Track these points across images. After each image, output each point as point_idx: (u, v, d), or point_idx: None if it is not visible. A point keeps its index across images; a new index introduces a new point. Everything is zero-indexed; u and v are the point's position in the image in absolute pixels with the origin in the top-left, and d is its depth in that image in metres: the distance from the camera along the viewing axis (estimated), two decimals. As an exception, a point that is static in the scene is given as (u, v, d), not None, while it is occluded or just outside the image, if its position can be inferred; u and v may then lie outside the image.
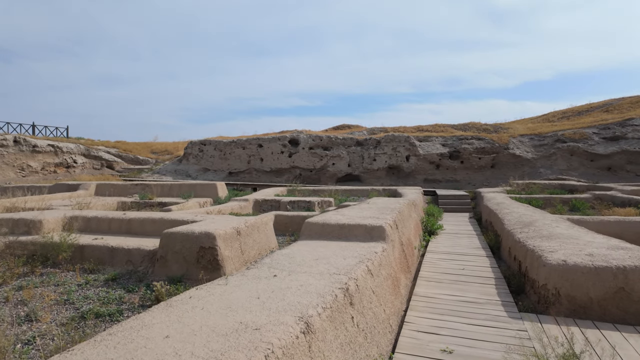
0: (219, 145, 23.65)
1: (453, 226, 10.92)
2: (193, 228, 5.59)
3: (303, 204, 12.00)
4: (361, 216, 5.85)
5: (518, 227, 7.33)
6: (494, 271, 6.12)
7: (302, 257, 4.17)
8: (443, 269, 6.21)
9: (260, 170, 23.21)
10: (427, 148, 22.63)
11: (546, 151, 21.25)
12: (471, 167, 21.80)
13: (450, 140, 23.01)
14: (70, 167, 21.54)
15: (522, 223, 7.60)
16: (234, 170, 23.45)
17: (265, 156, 22.92)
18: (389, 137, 22.99)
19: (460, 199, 15.76)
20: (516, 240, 6.30)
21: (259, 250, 6.40)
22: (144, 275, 5.62)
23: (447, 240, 8.75)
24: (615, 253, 4.58)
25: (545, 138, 22.13)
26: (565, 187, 16.65)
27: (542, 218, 7.97)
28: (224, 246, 5.43)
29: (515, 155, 21.42)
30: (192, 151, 24.21)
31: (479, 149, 21.81)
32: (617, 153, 19.13)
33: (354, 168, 22.97)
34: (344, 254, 4.33)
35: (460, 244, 8.40)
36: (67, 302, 4.66)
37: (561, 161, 20.49)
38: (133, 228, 7.08)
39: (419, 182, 22.29)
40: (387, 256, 4.68)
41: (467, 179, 21.67)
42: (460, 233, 9.78)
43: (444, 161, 22.11)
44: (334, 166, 22.71)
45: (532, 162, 21.12)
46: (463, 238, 9.06)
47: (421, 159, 22.30)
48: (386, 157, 22.66)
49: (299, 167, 22.80)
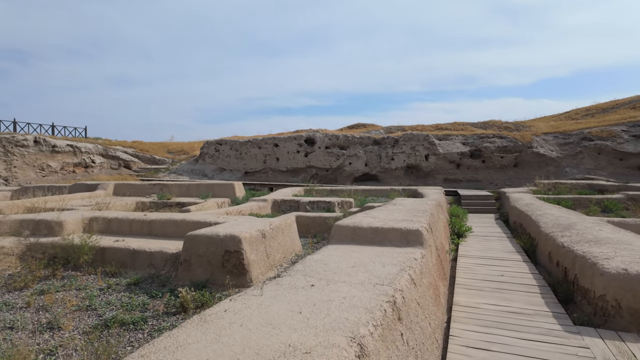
0: (234, 144, 23.55)
1: (481, 228, 10.47)
2: (217, 230, 5.34)
3: (323, 204, 11.70)
4: (393, 219, 5.52)
5: (557, 230, 6.88)
6: (536, 278, 5.71)
7: (337, 264, 3.87)
8: (481, 275, 5.83)
9: (276, 169, 23.01)
10: (447, 147, 22.08)
11: (572, 150, 20.47)
12: (493, 167, 21.17)
13: (470, 138, 22.40)
14: (89, 167, 21.72)
15: (561, 226, 7.15)
16: (250, 170, 23.32)
17: (281, 156, 22.71)
18: (408, 135, 22.51)
19: (485, 199, 15.24)
20: (559, 245, 5.87)
21: (283, 254, 6.12)
22: (167, 280, 5.40)
23: (478, 244, 8.34)
24: (683, 261, 4.15)
25: (571, 136, 21.34)
26: (594, 187, 15.95)
27: (581, 221, 7.49)
28: (249, 250, 5.17)
29: (539, 154, 20.70)
30: (209, 151, 24.17)
31: (501, 148, 21.15)
32: (649, 151, 18.26)
33: (372, 167, 22.57)
34: (382, 260, 4.00)
35: (492, 247, 7.98)
36: (89, 308, 4.46)
37: (588, 160, 19.70)
38: (154, 230, 6.89)
39: (438, 181, 21.77)
40: (427, 263, 4.34)
41: (489, 179, 21.05)
42: (489, 235, 9.34)
43: (465, 160, 21.52)
44: (350, 166, 22.35)
45: (557, 161, 20.38)
46: (494, 241, 8.62)
47: (441, 158, 21.77)
48: (404, 156, 22.20)
49: (315, 166, 22.52)
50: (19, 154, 18.32)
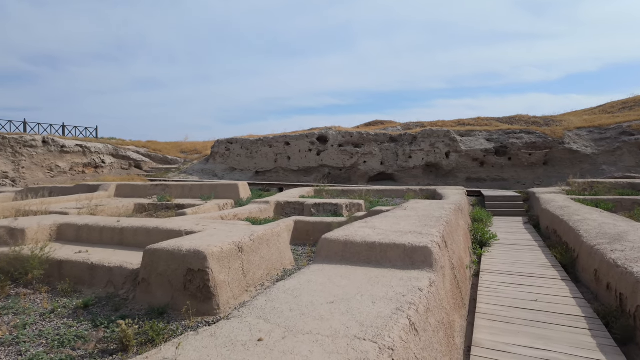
0: (245, 143, 22.80)
1: (508, 234, 9.21)
2: (181, 244, 4.42)
3: (329, 207, 10.69)
4: (397, 230, 4.45)
5: (604, 241, 5.63)
6: (580, 304, 4.53)
7: (312, 298, 2.86)
8: (508, 299, 4.68)
9: (287, 169, 22.12)
10: (470, 143, 20.59)
11: (609, 146, 18.64)
12: (520, 165, 19.57)
13: (495, 134, 20.83)
14: (99, 168, 21.45)
15: (608, 236, 5.88)
16: (261, 170, 22.52)
17: (292, 154, 21.80)
18: (427, 132, 21.16)
19: (512, 200, 13.84)
20: (610, 262, 4.66)
21: (268, 270, 5.15)
22: (123, 302, 4.52)
23: (505, 255, 7.13)
24: None
25: (608, 131, 19.47)
26: (637, 186, 14.27)
27: (632, 229, 6.19)
28: (218, 268, 4.22)
29: (571, 151, 18.97)
30: (219, 150, 23.53)
31: (529, 144, 19.52)
32: (700, 146, 16.31)
33: (388, 166, 21.35)
34: (374, 292, 2.96)
35: (522, 259, 6.76)
36: (13, 341, 3.62)
37: (628, 157, 17.86)
38: (125, 239, 6.06)
39: (460, 181, 20.33)
40: (437, 293, 3.27)
41: (515, 178, 19.47)
42: (518, 244, 8.09)
43: (489, 158, 20.00)
44: (365, 164, 21.20)
45: (592, 158, 18.60)
46: (524, 252, 7.39)
47: (463, 156, 20.32)
48: (423, 153, 20.86)
49: (328, 165, 21.50)
50: (27, 155, 18.15)
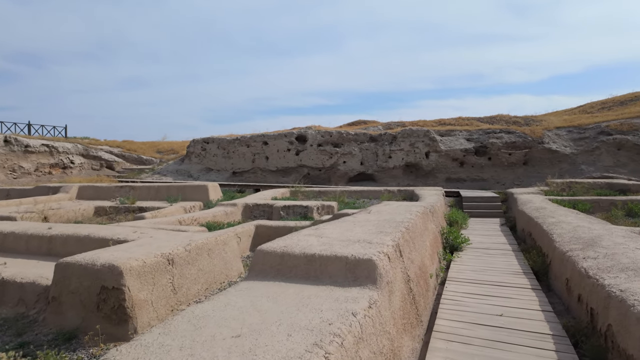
0: (222, 143, 22.11)
1: (482, 237, 8.83)
2: (98, 256, 3.84)
3: (299, 209, 10.17)
4: (346, 238, 3.95)
5: (577, 246, 5.25)
6: (548, 318, 4.11)
7: (217, 330, 2.32)
8: (471, 315, 4.23)
9: (265, 169, 21.51)
10: (450, 143, 20.34)
11: (588, 145, 18.59)
12: (500, 164, 19.38)
13: (475, 134, 20.62)
14: (67, 168, 20.48)
15: (581, 240, 5.51)
16: (238, 170, 21.86)
17: (270, 154, 21.21)
18: (406, 131, 20.82)
19: (489, 201, 13.54)
20: (582, 273, 4.25)
21: (208, 284, 4.59)
22: (30, 325, 3.92)
23: (476, 260, 6.72)
24: None
25: (586, 130, 19.44)
26: (615, 186, 14.14)
27: (607, 233, 5.84)
28: (137, 285, 3.65)
29: (551, 151, 18.87)
30: (195, 150, 22.78)
31: (509, 144, 19.35)
32: (676, 146, 16.33)
33: (368, 166, 20.95)
34: (296, 320, 2.45)
35: (493, 265, 6.36)
36: None
37: (607, 156, 17.82)
38: (55, 248, 5.43)
39: (440, 181, 20.06)
40: (378, 315, 2.77)
41: (495, 178, 19.28)
42: (492, 248, 7.71)
43: (469, 157, 19.77)
44: (345, 164, 20.76)
45: (571, 158, 18.53)
46: (496, 256, 6.99)
47: (443, 156, 20.05)
48: (403, 153, 20.53)
49: (307, 165, 20.97)
50: (-14, 155, 17.12)
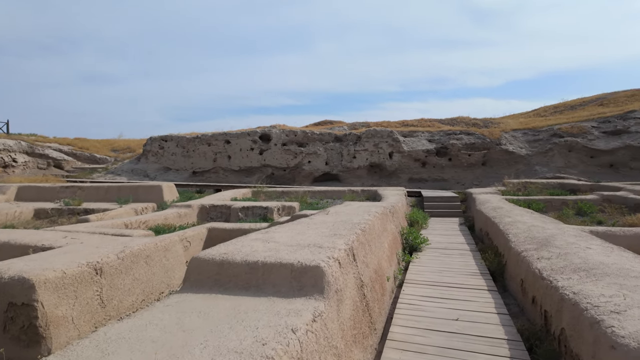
0: (181, 141, 21.21)
1: (441, 237, 8.85)
2: (7, 268, 3.32)
3: (259, 210, 9.79)
4: (296, 242, 3.66)
5: (531, 246, 5.26)
6: (504, 322, 4.02)
7: (127, 357, 1.96)
8: (427, 320, 4.07)
9: (227, 169, 20.85)
10: (412, 144, 20.60)
11: (542, 147, 19.41)
12: (460, 165, 19.85)
13: (437, 135, 21.02)
14: (8, 167, 18.85)
15: (536, 240, 5.54)
16: (199, 170, 21.05)
17: (233, 153, 20.58)
18: (370, 132, 20.88)
19: (449, 201, 13.74)
20: (536, 274, 4.20)
21: (145, 294, 4.15)
22: None
23: (434, 261, 6.65)
24: None
25: (540, 133, 20.31)
26: (566, 186, 14.79)
27: (560, 232, 5.92)
28: (54, 300, 3.18)
29: (508, 152, 19.54)
30: (152, 148, 21.71)
31: (469, 145, 19.86)
32: (619, 148, 17.37)
33: (332, 166, 20.81)
34: (226, 340, 2.13)
35: (451, 266, 6.30)
36: None
37: (559, 158, 18.68)
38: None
39: (403, 181, 20.26)
40: (324, 329, 2.50)
41: (455, 178, 19.72)
42: (450, 248, 7.70)
43: (431, 158, 20.11)
44: (310, 164, 20.50)
45: (526, 159, 19.27)
46: (454, 256, 6.97)
47: (405, 156, 20.26)
48: (367, 154, 20.56)
49: (271, 165, 20.53)
50: None
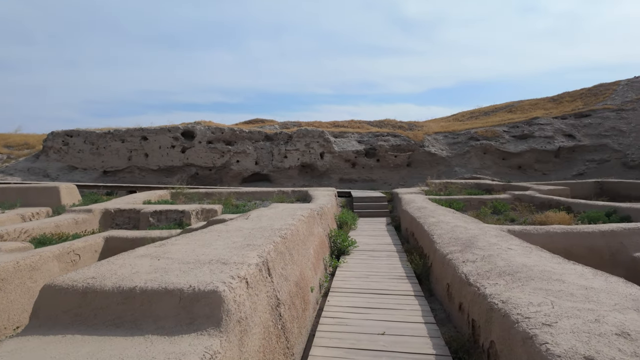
0: (90, 137, 18.86)
1: (369, 239, 8.67)
2: None
3: (174, 215, 8.77)
4: (196, 258, 3.00)
5: (456, 248, 5.16)
6: (431, 332, 3.77)
7: None
8: (351, 336, 3.66)
9: (145, 168, 19.00)
10: (343, 145, 20.66)
11: (460, 149, 20.66)
12: (387, 166, 20.34)
13: (366, 136, 21.35)
14: None
15: (460, 241, 5.47)
16: (111, 169, 18.89)
17: (151, 151, 18.80)
18: (302, 131, 20.52)
19: (377, 201, 13.84)
20: (462, 279, 4.02)
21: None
22: None
23: (361, 265, 6.35)
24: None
25: (459, 136, 21.63)
26: (482, 186, 15.79)
27: (482, 233, 5.96)
28: None
29: (430, 153, 20.48)
30: (54, 144, 19.00)
31: (395, 146, 20.44)
32: (526, 152, 19.11)
33: (263, 166, 20.05)
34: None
35: (378, 270, 6.05)
36: None
37: (475, 159, 20.01)
38: None
39: (334, 182, 20.21)
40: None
41: (383, 178, 20.16)
42: (377, 250, 7.51)
43: (360, 159, 20.33)
44: (238, 164, 19.51)
45: (447, 160, 20.36)
46: (382, 259, 6.76)
47: (336, 157, 20.24)
48: (299, 153, 20.16)
49: (195, 164, 19.14)
50: None
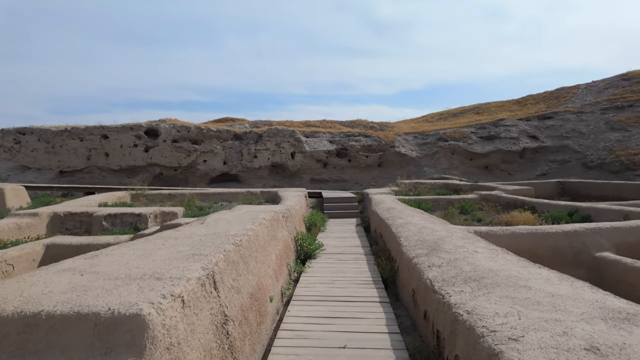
0: (45, 134, 17.68)
1: (337, 241, 8.45)
2: None
3: (130, 218, 8.22)
4: (126, 273, 2.63)
5: (422, 251, 4.99)
6: (395, 344, 3.56)
7: None
8: (312, 352, 3.38)
9: (105, 168, 18.02)
10: (314, 144, 20.41)
11: (429, 150, 20.89)
12: (359, 166, 20.28)
13: (337, 136, 21.21)
14: None
15: (426, 244, 5.32)
16: (68, 169, 17.79)
17: (112, 150, 17.85)
18: (272, 130, 20.11)
19: (347, 201, 13.68)
20: (427, 286, 3.84)
21: None
22: None
23: (327, 270, 6.11)
24: (633, 338, 2.26)
25: (429, 137, 21.88)
26: (450, 186, 15.96)
27: (448, 235, 5.84)
28: None
29: (400, 154, 20.58)
30: (4, 143, 17.68)
31: (366, 147, 20.41)
32: (493, 152, 19.54)
33: (232, 166, 19.49)
34: None
35: (344, 274, 5.82)
36: None
37: (444, 160, 20.28)
38: None
39: (305, 182, 19.93)
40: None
41: (354, 179, 20.08)
42: (345, 253, 7.29)
43: (332, 159, 20.16)
44: (205, 164, 18.86)
45: (417, 160, 20.53)
46: (349, 262, 6.54)
47: (308, 157, 19.97)
48: (269, 153, 19.74)
49: (159, 164, 18.34)
50: None
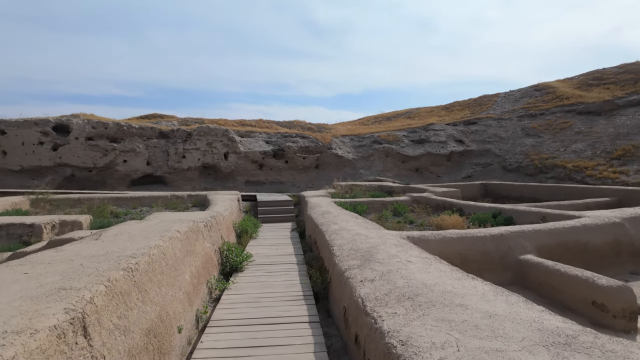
0: None
1: (269, 249, 7.88)
2: None
3: (18, 230, 6.89)
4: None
5: (355, 262, 4.65)
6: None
7: None
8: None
9: (3, 169, 15.53)
10: (250, 145, 19.57)
11: (365, 152, 21.13)
12: (296, 168, 19.84)
13: (274, 137, 20.58)
14: None
15: (359, 253, 4.99)
16: (-49, 169, 15.03)
17: (11, 148, 15.43)
18: (203, 129, 18.89)
19: (283, 205, 13.14)
20: (359, 305, 3.45)
21: None
22: None
23: (254, 285, 5.53)
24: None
25: (364, 139, 22.15)
26: (384, 188, 16.19)
27: (382, 242, 5.58)
28: None
29: (337, 156, 20.55)
30: None
31: (304, 148, 20.06)
32: (423, 155, 20.28)
33: (156, 167, 17.92)
34: None
35: (272, 290, 5.28)
36: None
37: (378, 162, 20.62)
38: None
39: (240, 184, 19.00)
40: None
41: (292, 181, 19.60)
42: (276, 263, 6.76)
43: (268, 160, 19.47)
44: (125, 164, 17.11)
45: (353, 162, 20.64)
46: (279, 275, 6.02)
47: (242, 157, 19.06)
48: (199, 153, 18.49)
49: (70, 164, 16.25)
50: None
